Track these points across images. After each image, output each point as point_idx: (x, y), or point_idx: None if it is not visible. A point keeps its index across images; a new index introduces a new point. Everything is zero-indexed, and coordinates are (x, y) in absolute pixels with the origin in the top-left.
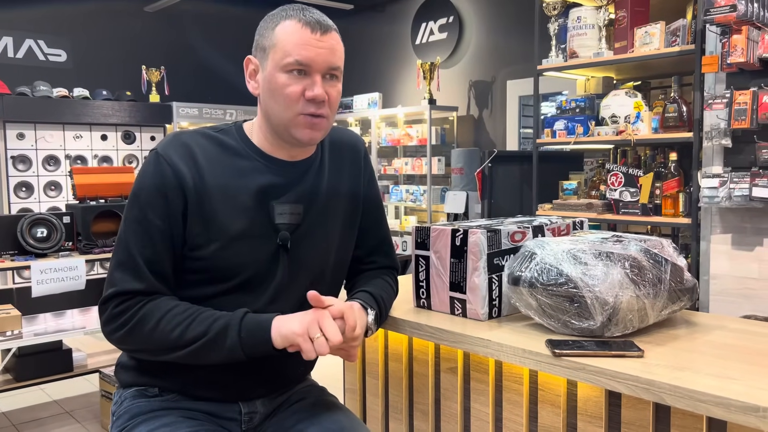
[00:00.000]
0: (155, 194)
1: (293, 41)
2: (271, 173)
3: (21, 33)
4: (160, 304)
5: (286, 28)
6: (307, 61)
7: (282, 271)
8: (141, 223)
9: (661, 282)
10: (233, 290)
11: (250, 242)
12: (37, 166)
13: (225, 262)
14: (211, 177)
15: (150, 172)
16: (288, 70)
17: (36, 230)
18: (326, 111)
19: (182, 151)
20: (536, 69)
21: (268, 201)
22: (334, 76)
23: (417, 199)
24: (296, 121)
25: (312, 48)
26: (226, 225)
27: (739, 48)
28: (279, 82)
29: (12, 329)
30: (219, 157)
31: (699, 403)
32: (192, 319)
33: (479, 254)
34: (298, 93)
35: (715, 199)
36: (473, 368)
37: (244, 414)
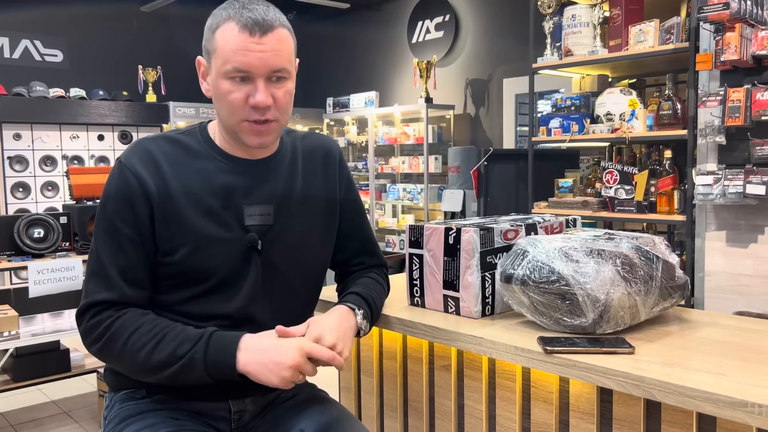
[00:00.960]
0: (121, 203)
1: (231, 47)
2: (234, 173)
3: (17, 33)
4: (127, 321)
5: (224, 33)
6: (247, 67)
7: (255, 272)
8: (110, 232)
9: (653, 279)
10: (207, 293)
11: (220, 244)
12: (34, 166)
13: (196, 265)
14: (174, 181)
15: (114, 182)
16: (229, 76)
17: (33, 231)
18: (273, 114)
19: (145, 158)
20: (531, 67)
21: (235, 202)
22: (280, 77)
23: (414, 197)
24: (241, 127)
25: (251, 53)
26: (194, 228)
27: (732, 45)
28: (222, 89)
29: (9, 330)
30: (182, 159)
31: (688, 399)
32: (158, 341)
33: (472, 252)
34: (241, 100)
35: (709, 197)
36: (467, 366)
37: (234, 412)
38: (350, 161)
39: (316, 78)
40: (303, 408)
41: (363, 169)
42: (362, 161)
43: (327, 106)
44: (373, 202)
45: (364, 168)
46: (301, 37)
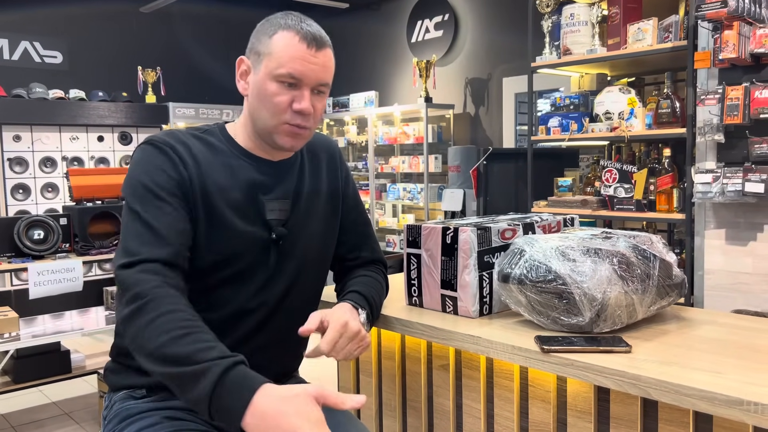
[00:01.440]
0: (162, 174)
1: (289, 53)
2: (257, 171)
3: (16, 35)
4: (172, 298)
5: (283, 39)
6: (300, 75)
7: (271, 262)
8: (151, 199)
9: (650, 278)
10: (223, 284)
11: (244, 235)
12: (34, 168)
13: (222, 254)
14: (207, 172)
15: (151, 157)
16: (280, 80)
17: (33, 232)
18: (310, 123)
19: (180, 144)
20: (530, 66)
21: (257, 197)
22: (321, 91)
23: (414, 197)
24: (280, 129)
25: (306, 63)
26: (221, 218)
27: (730, 44)
28: (269, 90)
29: (10, 331)
30: (208, 154)
31: (684, 398)
32: (188, 333)
33: (469, 252)
34: (286, 103)
35: (708, 195)
36: (465, 365)
37: None
38: (350, 161)
39: None
40: None
41: (363, 168)
42: (362, 161)
43: (327, 105)
44: (373, 202)
45: (364, 168)
46: None
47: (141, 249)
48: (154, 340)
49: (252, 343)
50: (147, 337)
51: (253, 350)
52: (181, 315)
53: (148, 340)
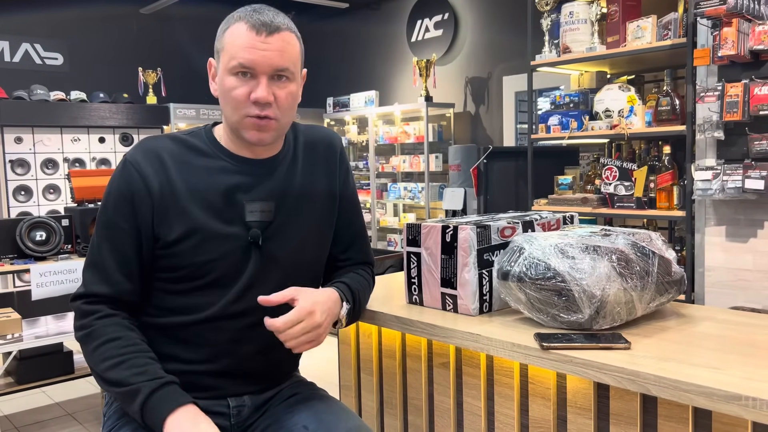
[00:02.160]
0: (121, 200)
1: (238, 44)
2: (238, 172)
3: (17, 37)
4: (109, 328)
5: (234, 31)
6: (250, 63)
7: (253, 266)
8: (109, 227)
9: (649, 274)
10: (205, 286)
11: (222, 240)
12: (36, 169)
13: (198, 259)
14: (179, 178)
15: (117, 179)
16: (234, 72)
17: (35, 233)
18: (273, 112)
19: (150, 155)
20: (530, 65)
21: (238, 199)
22: (283, 77)
23: (415, 196)
24: (243, 123)
25: (256, 51)
26: (198, 224)
27: (729, 41)
28: (227, 85)
29: (13, 332)
30: (186, 158)
31: (683, 393)
32: (122, 361)
33: (469, 250)
34: (244, 95)
35: (708, 192)
36: (465, 363)
37: (233, 408)
38: (351, 161)
39: (316, 78)
40: (305, 405)
41: (364, 168)
42: (363, 161)
43: (327, 105)
44: (374, 202)
45: (365, 167)
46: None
47: (90, 283)
48: (98, 365)
49: (243, 347)
50: (94, 363)
51: (247, 355)
52: (119, 343)
53: (93, 365)
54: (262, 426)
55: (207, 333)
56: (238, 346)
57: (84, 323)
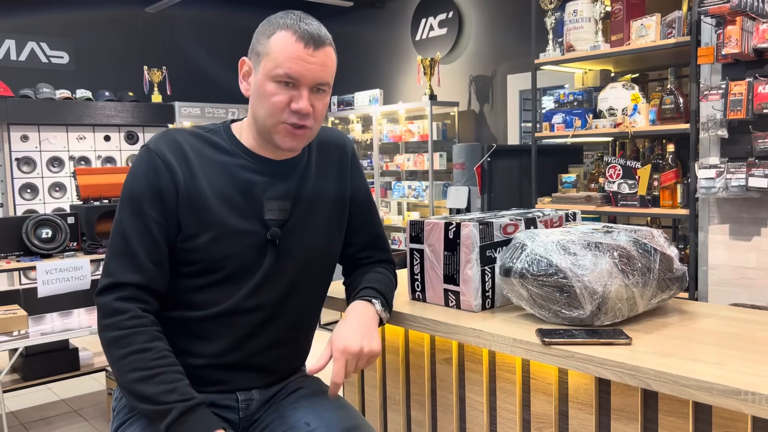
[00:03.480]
0: (149, 188)
1: (286, 54)
2: (258, 171)
3: (23, 35)
4: (141, 335)
5: (281, 39)
6: (297, 75)
7: (268, 262)
8: (137, 214)
9: (650, 271)
10: (220, 281)
11: (240, 236)
12: (42, 167)
13: (215, 254)
14: (201, 172)
15: (143, 168)
16: (277, 80)
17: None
18: (310, 122)
19: (174, 147)
20: (534, 63)
21: (256, 197)
22: (321, 90)
23: (419, 194)
24: (279, 128)
25: (303, 63)
26: (217, 219)
27: (733, 39)
28: (267, 90)
29: (19, 329)
30: (208, 154)
31: (683, 388)
32: (154, 375)
33: (471, 247)
34: (284, 103)
35: (712, 190)
36: (467, 358)
37: (241, 401)
38: None
39: None
40: (308, 402)
41: (368, 166)
42: (367, 159)
43: (331, 104)
44: (378, 200)
45: (369, 166)
46: None
47: (119, 272)
48: (126, 375)
49: (254, 342)
50: (120, 371)
51: (257, 350)
52: (150, 354)
53: (120, 374)
54: (267, 421)
55: (219, 328)
56: (249, 342)
57: (112, 323)
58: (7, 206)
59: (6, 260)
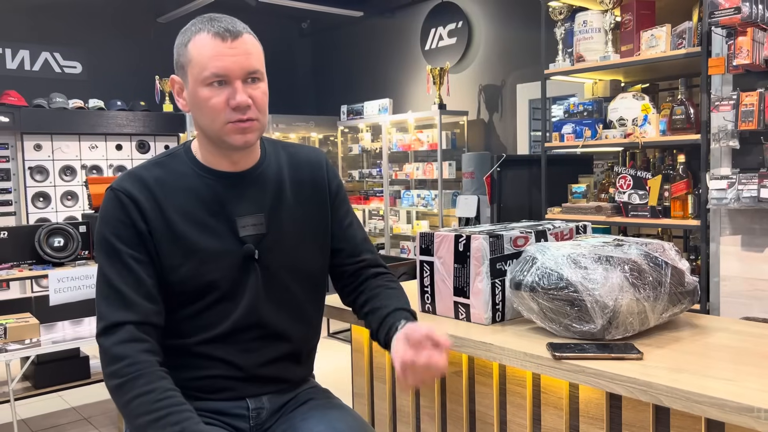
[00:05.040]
0: (119, 224)
1: (207, 54)
2: (223, 187)
3: (37, 46)
4: (139, 380)
5: (198, 43)
6: (224, 71)
7: (255, 280)
8: (112, 255)
9: (662, 285)
10: (212, 305)
11: (218, 257)
12: (54, 176)
13: (198, 279)
14: (168, 202)
15: (110, 206)
16: (208, 83)
17: (53, 240)
18: (254, 113)
19: (137, 183)
20: (543, 74)
21: (227, 215)
22: (255, 78)
23: (428, 203)
24: (225, 129)
25: (226, 57)
26: (192, 245)
27: (744, 50)
28: (202, 96)
29: (31, 337)
30: (171, 181)
31: (695, 404)
32: (160, 417)
33: (482, 259)
34: (222, 103)
35: (723, 201)
36: (478, 372)
37: (252, 410)
38: (364, 168)
39: (330, 86)
40: (319, 413)
41: (377, 175)
42: (376, 168)
43: (341, 113)
44: (387, 209)
45: (378, 174)
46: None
47: (111, 314)
48: (134, 420)
49: (255, 357)
50: (128, 417)
51: (260, 363)
52: (153, 396)
53: (129, 419)
54: (278, 431)
55: (220, 349)
56: (250, 357)
57: (113, 371)
58: (20, 214)
59: (19, 268)
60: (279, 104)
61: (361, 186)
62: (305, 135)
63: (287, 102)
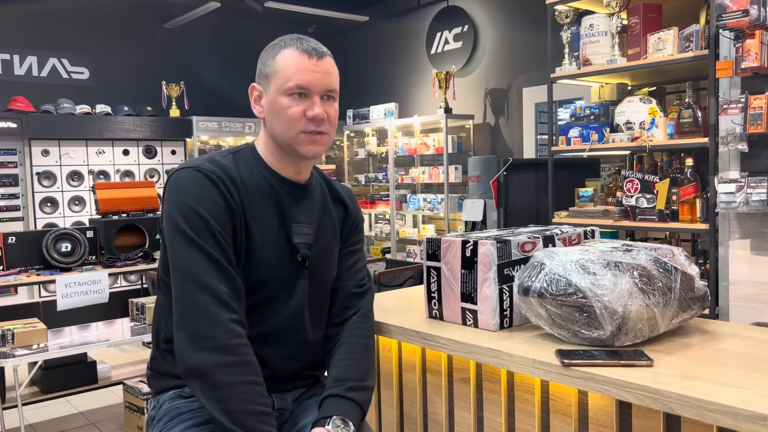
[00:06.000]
0: (214, 205)
1: (293, 67)
2: (285, 194)
3: (45, 52)
4: (253, 366)
5: (286, 56)
6: (306, 84)
7: (304, 283)
8: (214, 233)
9: (671, 291)
10: (262, 303)
11: (272, 259)
12: (62, 181)
13: (252, 276)
14: (247, 199)
15: (199, 185)
16: (290, 93)
17: (61, 245)
18: (326, 128)
19: (220, 170)
20: (550, 77)
21: (285, 220)
22: (331, 97)
23: (434, 207)
24: (299, 138)
25: (310, 72)
26: (254, 242)
27: (752, 52)
28: (282, 105)
29: (38, 342)
30: (247, 179)
31: (707, 413)
32: (263, 412)
33: (489, 265)
34: (299, 113)
35: (732, 205)
36: (485, 378)
37: (276, 409)
38: (370, 172)
39: None
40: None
41: (383, 179)
42: (382, 172)
43: (347, 117)
44: (393, 213)
45: (384, 178)
46: None
47: (218, 285)
48: (237, 405)
49: (292, 363)
50: (229, 398)
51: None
52: (261, 390)
53: (229, 401)
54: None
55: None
56: (286, 362)
57: (226, 345)
58: (28, 220)
59: (26, 274)
60: None
61: (367, 190)
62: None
63: None
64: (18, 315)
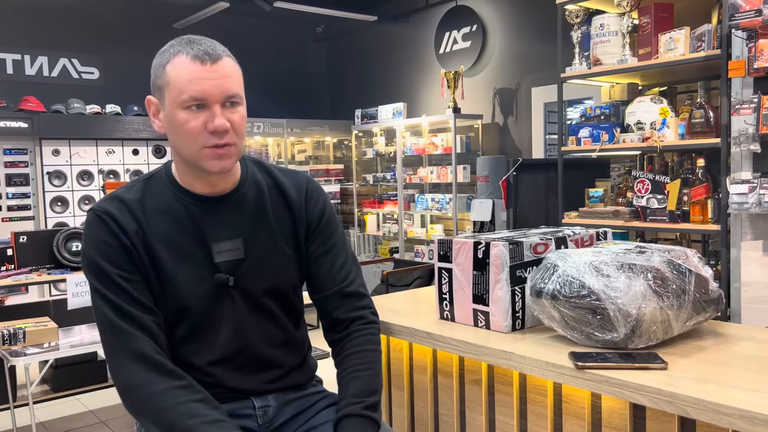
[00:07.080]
0: (106, 247)
1: (185, 77)
2: (201, 211)
3: (55, 52)
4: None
5: (177, 65)
6: (202, 94)
7: (233, 305)
8: (104, 276)
9: (685, 293)
10: (192, 332)
11: (192, 285)
12: (72, 181)
13: (172, 306)
14: (148, 225)
15: (96, 232)
16: (185, 106)
17: (71, 244)
18: (231, 138)
19: (117, 205)
20: (560, 77)
21: (204, 240)
22: (234, 102)
23: (443, 207)
24: (203, 154)
25: (205, 81)
26: (169, 271)
27: (765, 52)
28: (179, 120)
29: (49, 341)
30: (151, 204)
31: (723, 417)
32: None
33: (501, 266)
34: (199, 127)
35: (744, 205)
36: (497, 380)
37: (258, 408)
38: (378, 172)
39: (344, 90)
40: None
41: (391, 179)
42: (390, 172)
43: (355, 117)
44: (401, 212)
45: (393, 178)
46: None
47: (125, 342)
48: (181, 422)
49: (257, 378)
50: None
51: (263, 381)
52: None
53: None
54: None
55: (218, 369)
56: (250, 378)
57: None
58: (39, 219)
59: (37, 272)
60: (293, 109)
61: (375, 190)
62: (320, 139)
63: (302, 106)
64: (29, 313)
